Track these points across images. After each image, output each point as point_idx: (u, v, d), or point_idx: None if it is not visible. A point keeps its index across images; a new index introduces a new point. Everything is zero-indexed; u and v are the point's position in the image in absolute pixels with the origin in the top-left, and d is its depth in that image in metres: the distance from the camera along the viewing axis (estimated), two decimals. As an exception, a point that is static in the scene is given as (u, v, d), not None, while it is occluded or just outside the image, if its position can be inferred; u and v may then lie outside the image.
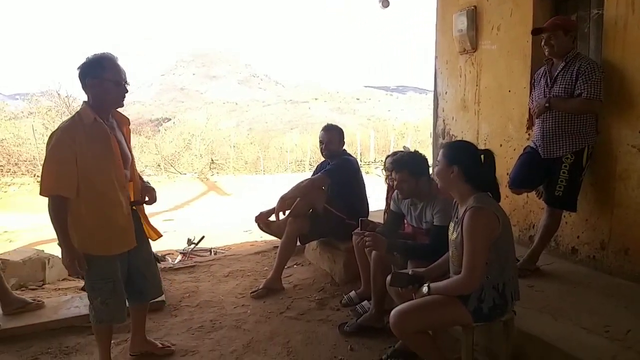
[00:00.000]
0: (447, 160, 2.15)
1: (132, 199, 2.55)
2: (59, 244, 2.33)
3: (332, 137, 3.84)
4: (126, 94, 2.44)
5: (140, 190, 2.64)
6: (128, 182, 2.53)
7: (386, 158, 3.36)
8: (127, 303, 2.61)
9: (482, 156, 2.17)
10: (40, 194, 2.32)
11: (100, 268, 2.40)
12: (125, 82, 2.41)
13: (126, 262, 2.53)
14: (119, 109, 2.53)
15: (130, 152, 2.58)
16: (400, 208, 3.00)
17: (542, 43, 3.04)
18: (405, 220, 3.01)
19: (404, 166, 2.76)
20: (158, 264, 3.44)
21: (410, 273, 2.29)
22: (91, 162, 2.32)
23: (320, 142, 3.86)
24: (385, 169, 3.27)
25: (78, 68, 2.34)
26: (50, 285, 4.38)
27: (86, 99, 2.39)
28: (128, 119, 2.61)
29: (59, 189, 2.28)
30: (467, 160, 2.14)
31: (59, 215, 2.29)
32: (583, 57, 2.96)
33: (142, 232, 2.63)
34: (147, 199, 2.65)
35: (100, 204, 2.37)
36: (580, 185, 3.05)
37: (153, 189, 2.70)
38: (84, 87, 2.36)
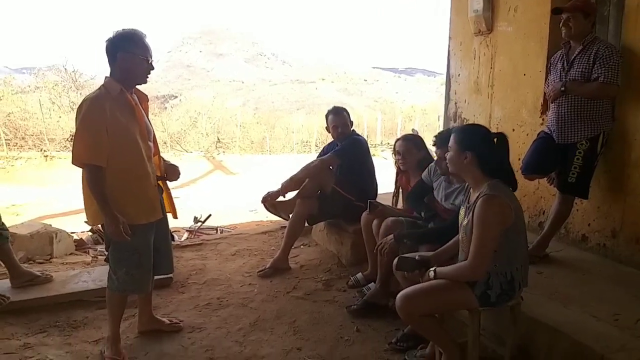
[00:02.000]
0: (460, 146, 2.10)
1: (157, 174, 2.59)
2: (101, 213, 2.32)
3: (344, 119, 3.79)
4: (151, 71, 2.48)
5: (162, 167, 2.67)
6: (153, 154, 2.57)
7: (396, 141, 3.32)
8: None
9: (495, 139, 2.12)
10: (73, 163, 2.33)
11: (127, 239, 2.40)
12: (152, 60, 2.45)
13: (153, 233, 2.56)
14: (139, 86, 2.55)
15: (151, 126, 2.62)
16: (432, 180, 2.93)
17: (560, 24, 2.97)
18: (434, 194, 2.92)
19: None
20: (172, 241, 3.47)
21: (417, 258, 2.28)
22: (120, 132, 2.34)
23: (334, 126, 3.77)
24: (395, 152, 3.23)
25: (107, 40, 2.37)
26: (57, 259, 4.41)
27: (110, 73, 2.42)
28: (147, 96, 2.63)
29: (94, 158, 2.28)
30: (480, 145, 2.09)
31: (97, 183, 2.29)
32: (601, 41, 2.89)
33: (163, 207, 2.66)
34: (169, 175, 2.70)
35: (130, 173, 2.41)
36: (593, 172, 3.01)
37: (177, 167, 2.75)
38: (112, 60, 2.39)
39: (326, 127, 3.89)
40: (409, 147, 3.15)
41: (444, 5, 4.84)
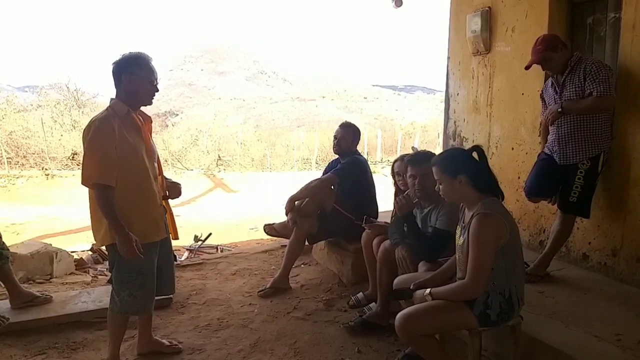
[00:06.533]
0: (451, 173, 2.12)
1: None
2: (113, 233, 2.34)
3: (346, 134, 3.83)
4: (156, 94, 2.52)
5: (164, 186, 2.71)
6: (158, 174, 2.61)
7: (394, 162, 3.33)
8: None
9: (473, 153, 2.17)
10: (83, 183, 2.36)
11: (132, 260, 2.38)
12: (157, 82, 2.50)
13: (157, 253, 2.57)
14: (142, 108, 2.60)
15: (155, 147, 2.66)
16: None
17: (542, 69, 3.07)
18: None
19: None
20: (175, 262, 3.47)
21: (411, 287, 2.28)
22: (129, 152, 2.39)
23: (335, 137, 3.86)
24: (395, 173, 3.25)
25: (114, 63, 2.44)
26: (57, 279, 4.40)
27: (115, 95, 2.47)
28: (150, 118, 2.67)
29: (104, 177, 2.31)
30: (468, 165, 2.13)
31: (108, 203, 2.31)
32: (587, 59, 2.93)
33: (167, 226, 2.68)
34: (171, 193, 2.74)
35: (137, 192, 2.44)
36: (594, 192, 3.02)
37: (178, 184, 2.80)
38: (118, 82, 2.44)
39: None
40: (404, 169, 3.17)
41: (443, 25, 4.90)
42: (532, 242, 3.74)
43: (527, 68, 3.08)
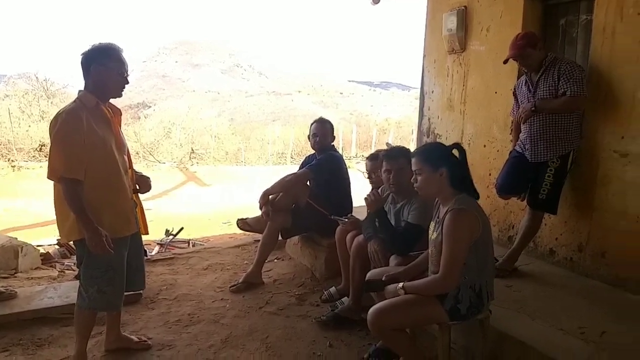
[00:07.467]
0: (432, 165, 2.13)
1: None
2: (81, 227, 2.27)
3: (326, 131, 3.82)
4: (126, 86, 2.46)
5: (134, 180, 2.64)
6: (128, 168, 2.55)
7: (366, 160, 3.36)
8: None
9: (454, 150, 2.19)
10: (49, 177, 2.28)
11: (101, 255, 2.32)
12: (127, 74, 2.44)
13: (127, 248, 2.51)
14: (112, 100, 2.53)
15: (125, 139, 2.60)
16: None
17: (518, 65, 3.09)
18: None
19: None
20: (145, 257, 3.41)
21: (383, 279, 2.29)
22: (98, 144, 2.32)
23: (314, 134, 3.82)
24: (368, 170, 3.28)
25: (82, 54, 2.37)
26: (22, 274, 4.28)
27: (84, 86, 2.40)
28: (120, 110, 2.60)
29: (71, 171, 2.23)
30: (449, 159, 2.16)
31: (76, 197, 2.23)
32: (561, 59, 2.99)
33: (137, 221, 2.62)
34: (141, 187, 2.67)
35: (107, 186, 2.38)
36: (562, 189, 3.09)
37: (148, 178, 2.73)
38: (86, 74, 2.38)
39: (308, 136, 3.92)
40: (377, 166, 3.20)
41: (419, 23, 4.94)
42: (501, 238, 3.81)
43: (505, 62, 3.12)
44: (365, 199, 2.78)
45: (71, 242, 2.53)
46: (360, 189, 4.07)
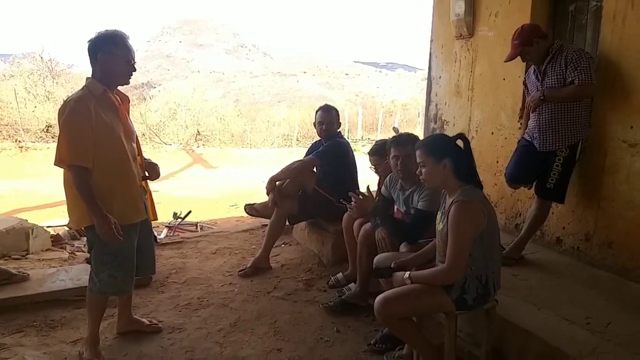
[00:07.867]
0: (436, 156, 2.13)
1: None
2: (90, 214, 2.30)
3: (332, 118, 3.83)
4: (133, 73, 2.46)
5: (143, 167, 2.66)
6: (137, 154, 2.57)
7: (369, 155, 3.36)
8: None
9: (457, 142, 2.18)
10: (56, 164, 2.31)
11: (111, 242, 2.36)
12: (134, 61, 2.44)
13: (137, 235, 2.54)
14: (120, 87, 2.54)
15: (133, 127, 2.61)
16: (391, 193, 3.01)
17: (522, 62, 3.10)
18: (395, 207, 3.03)
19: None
20: (155, 243, 3.45)
21: (392, 266, 2.32)
22: (106, 132, 2.34)
23: (320, 122, 3.83)
24: (373, 165, 3.29)
25: (89, 41, 2.37)
26: (33, 255, 4.35)
27: (91, 74, 2.41)
28: (128, 97, 2.61)
29: (79, 159, 2.26)
30: (453, 150, 2.15)
31: (85, 185, 2.26)
32: (568, 47, 2.95)
33: (147, 207, 2.65)
34: (150, 174, 2.69)
35: (116, 173, 2.40)
36: (570, 178, 3.09)
37: (157, 165, 2.74)
38: (93, 61, 2.38)
39: (314, 123, 3.92)
40: (381, 160, 3.20)
41: (426, 3, 4.88)
42: (508, 226, 3.83)
43: (506, 61, 3.12)
44: (348, 211, 2.78)
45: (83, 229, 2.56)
46: (367, 173, 4.09)
